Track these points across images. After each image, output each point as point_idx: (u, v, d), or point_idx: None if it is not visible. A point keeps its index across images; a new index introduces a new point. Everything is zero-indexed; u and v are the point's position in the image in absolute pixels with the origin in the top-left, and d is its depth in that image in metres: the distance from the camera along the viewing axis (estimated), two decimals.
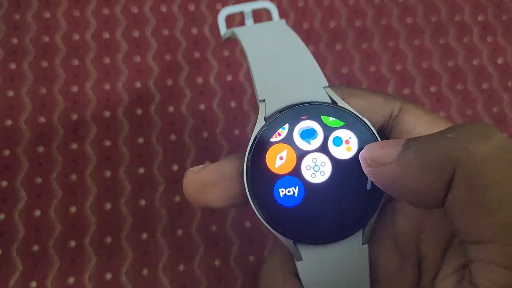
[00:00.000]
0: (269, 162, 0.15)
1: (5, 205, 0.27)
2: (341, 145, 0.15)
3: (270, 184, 0.15)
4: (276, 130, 0.15)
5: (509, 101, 0.33)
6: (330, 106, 0.15)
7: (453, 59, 0.34)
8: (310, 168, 0.15)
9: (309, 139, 0.15)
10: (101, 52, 0.32)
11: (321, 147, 0.15)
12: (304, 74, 0.16)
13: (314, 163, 0.15)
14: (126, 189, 0.28)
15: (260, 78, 0.16)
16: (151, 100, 0.31)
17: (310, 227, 0.15)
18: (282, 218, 0.15)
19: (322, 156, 0.15)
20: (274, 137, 0.15)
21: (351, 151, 0.15)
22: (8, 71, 0.31)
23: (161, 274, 0.27)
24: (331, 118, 0.15)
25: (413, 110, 0.17)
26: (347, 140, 0.15)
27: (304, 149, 0.15)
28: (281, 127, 0.15)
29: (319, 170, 0.15)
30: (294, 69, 0.16)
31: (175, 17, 0.33)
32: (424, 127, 0.16)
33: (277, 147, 0.15)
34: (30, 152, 0.29)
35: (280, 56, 0.16)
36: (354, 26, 0.35)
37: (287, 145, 0.15)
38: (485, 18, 0.36)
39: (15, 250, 0.26)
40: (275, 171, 0.15)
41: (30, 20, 0.32)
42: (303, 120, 0.15)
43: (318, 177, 0.15)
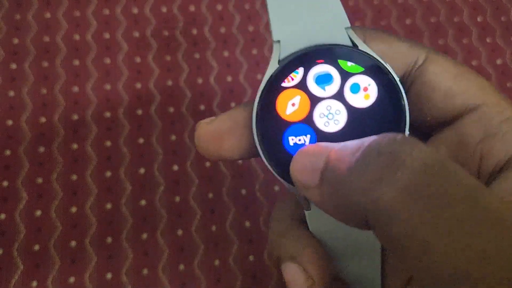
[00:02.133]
0: (280, 108, 0.14)
1: (6, 205, 0.27)
2: (359, 92, 0.14)
3: (280, 131, 0.14)
4: (289, 74, 0.14)
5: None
6: (350, 50, 0.14)
7: None
8: (323, 116, 0.14)
9: (324, 85, 0.14)
10: (102, 53, 0.32)
11: (337, 94, 0.14)
12: (324, 13, 0.14)
13: (328, 111, 0.14)
14: (126, 189, 0.28)
15: (277, 16, 0.14)
16: (151, 101, 0.31)
17: None
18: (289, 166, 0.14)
19: (338, 104, 0.14)
20: (287, 82, 0.14)
21: (369, 99, 0.14)
22: (9, 71, 0.31)
23: (161, 274, 0.27)
24: (350, 63, 0.14)
25: (441, 61, 0.15)
26: (365, 87, 0.14)
27: (318, 95, 0.14)
28: (295, 71, 0.14)
29: (333, 118, 0.14)
30: (314, 8, 0.14)
31: (176, 18, 0.34)
32: (451, 81, 0.14)
33: (289, 92, 0.14)
34: (31, 152, 0.29)
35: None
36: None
37: (300, 91, 0.14)
38: (484, 19, 0.36)
39: (16, 250, 0.26)
40: (286, 118, 0.14)
41: (30, 20, 0.32)
42: (319, 64, 0.14)
43: (332, 126, 0.14)
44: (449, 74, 0.15)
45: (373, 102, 0.14)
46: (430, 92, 0.15)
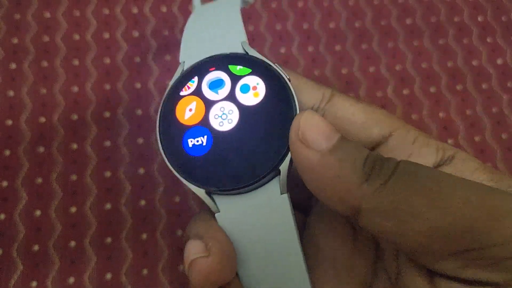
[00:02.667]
0: (179, 115, 0.15)
1: (6, 205, 0.27)
2: (248, 91, 0.15)
3: (179, 135, 0.15)
4: (186, 84, 0.15)
5: (508, 101, 0.33)
6: (239, 56, 0.15)
7: (452, 60, 0.34)
8: (218, 117, 0.15)
9: (217, 89, 0.15)
10: (101, 52, 0.32)
11: (229, 95, 0.15)
12: (225, 34, 0.16)
13: (222, 112, 0.15)
14: (126, 189, 0.28)
15: (185, 42, 0.17)
16: (151, 101, 0.31)
17: (220, 175, 0.14)
18: (191, 167, 0.15)
19: (230, 104, 0.15)
20: (184, 91, 0.15)
21: (258, 96, 0.15)
22: (9, 71, 0.31)
23: (160, 274, 0.27)
24: (239, 66, 0.15)
25: (345, 98, 0.17)
26: (254, 86, 0.15)
27: (212, 99, 0.15)
28: (191, 80, 0.16)
29: (226, 118, 0.15)
30: (218, 31, 0.16)
31: (175, 18, 0.34)
32: (363, 115, 0.16)
33: (186, 99, 0.15)
34: (30, 152, 0.29)
35: (212, 23, 0.17)
36: (354, 27, 0.35)
37: (196, 97, 0.15)
38: (485, 19, 0.36)
39: (15, 250, 0.26)
40: (184, 122, 0.15)
41: (30, 20, 0.32)
42: (211, 71, 0.15)
43: (226, 125, 0.15)
44: (358, 109, 0.16)
45: (262, 99, 0.15)
46: (346, 125, 0.16)
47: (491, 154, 0.31)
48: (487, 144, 0.32)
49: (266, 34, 0.34)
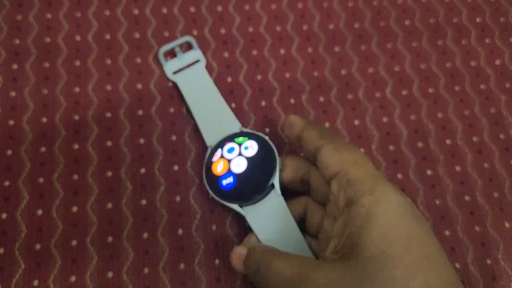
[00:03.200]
0: (214, 170, 0.27)
1: (8, 205, 0.28)
2: (248, 149, 0.27)
3: (217, 180, 0.27)
4: (214, 153, 0.28)
5: (506, 102, 0.34)
6: (238, 132, 0.28)
7: (451, 61, 0.35)
8: (235, 166, 0.27)
9: (232, 152, 0.28)
10: (103, 53, 0.32)
11: (239, 153, 0.27)
12: (228, 124, 0.29)
13: (237, 162, 0.27)
14: (127, 189, 0.29)
15: (206, 132, 0.29)
16: (152, 101, 0.31)
17: (244, 195, 0.26)
18: (227, 195, 0.26)
19: (240, 158, 0.27)
20: (214, 157, 0.28)
21: (254, 150, 0.27)
22: (10, 71, 0.31)
23: (161, 273, 0.27)
24: (240, 137, 0.28)
25: (327, 147, 0.24)
26: (251, 146, 0.27)
27: (230, 158, 0.27)
28: (216, 151, 0.28)
29: (240, 165, 0.27)
30: (222, 122, 0.29)
31: (176, 19, 0.34)
32: (328, 159, 0.24)
33: (216, 162, 0.28)
34: (32, 152, 0.29)
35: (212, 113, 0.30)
36: (353, 28, 0.35)
37: (222, 159, 0.27)
38: (483, 20, 0.36)
39: (17, 249, 0.27)
40: (218, 173, 0.27)
41: (32, 21, 0.32)
42: (226, 144, 0.28)
43: (241, 168, 0.27)
44: (328, 155, 0.24)
45: (256, 152, 0.27)
46: (320, 166, 0.24)
47: (489, 155, 0.32)
48: (486, 145, 0.32)
49: (266, 36, 0.34)
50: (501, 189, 0.31)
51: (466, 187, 0.31)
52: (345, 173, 0.22)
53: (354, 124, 0.32)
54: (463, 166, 0.31)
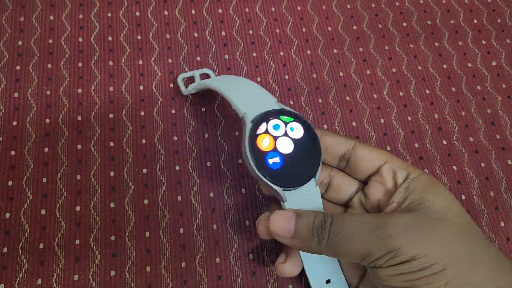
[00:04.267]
0: (259, 144, 0.24)
1: (11, 204, 0.28)
2: (294, 131, 0.25)
3: (263, 156, 0.24)
4: (259, 127, 0.24)
5: (502, 102, 0.34)
6: (283, 110, 0.25)
7: (448, 62, 0.35)
8: (282, 145, 0.24)
9: (277, 129, 0.25)
10: (105, 55, 0.32)
11: (285, 133, 0.25)
12: (261, 96, 0.26)
13: (284, 142, 0.25)
14: (129, 188, 0.29)
15: (238, 101, 0.26)
16: (153, 103, 0.31)
17: (291, 179, 0.24)
18: (274, 175, 0.24)
19: (286, 138, 0.25)
20: (259, 130, 0.24)
21: (300, 133, 0.25)
22: (14, 72, 0.31)
23: (163, 272, 0.27)
24: (285, 116, 0.25)
25: (362, 145, 0.27)
26: (297, 128, 0.25)
27: (276, 135, 0.25)
28: (261, 125, 0.25)
29: (287, 146, 0.25)
30: (255, 95, 0.26)
31: (177, 21, 0.34)
32: (368, 153, 0.26)
33: (261, 136, 0.24)
34: (35, 152, 0.29)
35: (240, 87, 0.27)
36: (351, 30, 0.36)
37: (268, 134, 0.24)
38: (480, 22, 0.37)
39: (20, 248, 0.27)
40: (263, 149, 0.24)
41: (34, 22, 0.33)
42: (271, 119, 0.25)
43: (288, 150, 0.24)
44: (367, 149, 0.26)
45: (302, 135, 0.25)
46: (358, 160, 0.26)
47: (485, 154, 0.32)
48: (482, 145, 0.32)
49: (266, 38, 0.35)
50: (498, 188, 0.31)
51: (462, 186, 0.31)
52: (395, 161, 0.26)
53: (352, 125, 0.32)
54: (460, 165, 0.32)
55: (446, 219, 0.22)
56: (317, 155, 0.25)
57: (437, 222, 0.22)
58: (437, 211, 0.22)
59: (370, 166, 0.26)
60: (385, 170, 0.26)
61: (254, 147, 0.24)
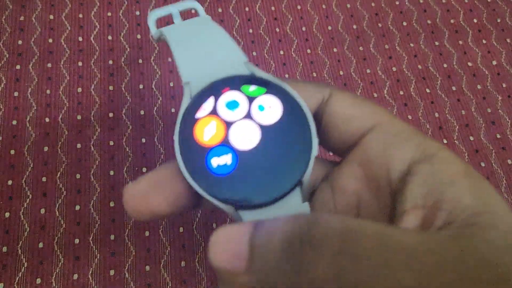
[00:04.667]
0: (198, 136, 0.15)
1: (11, 203, 0.28)
2: (264, 110, 0.16)
3: (202, 156, 0.15)
4: (201, 105, 0.15)
5: (502, 102, 0.34)
6: (249, 76, 0.16)
7: (448, 61, 0.35)
8: (238, 136, 0.15)
9: (234, 109, 0.15)
10: (104, 54, 0.32)
11: (247, 115, 0.15)
12: (225, 54, 0.17)
13: (242, 130, 0.15)
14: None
15: (184, 62, 0.16)
16: (153, 102, 0.31)
17: (247, 191, 0.15)
18: (219, 186, 0.15)
19: (250, 123, 0.15)
20: (200, 112, 0.15)
21: (276, 115, 0.15)
22: (13, 72, 0.31)
23: (163, 271, 0.27)
24: (252, 87, 0.16)
25: (341, 95, 0.17)
26: (270, 105, 0.16)
27: (231, 119, 0.15)
28: (205, 101, 0.15)
29: (248, 137, 0.15)
30: (214, 51, 0.17)
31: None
32: (348, 109, 0.16)
33: (204, 120, 0.15)
34: (35, 152, 0.29)
35: (202, 43, 0.17)
36: (351, 29, 0.36)
37: (214, 116, 0.15)
38: (480, 21, 0.37)
39: (20, 247, 0.27)
40: (205, 143, 0.15)
41: (34, 22, 0.33)
42: (225, 92, 0.16)
43: (248, 144, 0.15)
44: (346, 103, 0.16)
45: (279, 118, 0.15)
46: (333, 120, 0.16)
47: (486, 154, 0.32)
48: (482, 144, 0.32)
49: (266, 37, 0.34)
50: (498, 188, 0.31)
51: None
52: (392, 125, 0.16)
53: None
54: None
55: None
56: (305, 149, 0.15)
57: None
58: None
59: (345, 127, 0.16)
60: (376, 140, 0.16)
61: (187, 140, 0.15)
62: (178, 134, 0.15)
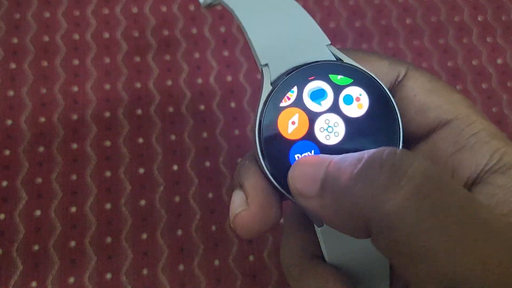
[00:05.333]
0: (282, 128, 0.14)
1: (6, 205, 0.27)
2: (352, 103, 0.14)
3: (285, 150, 0.14)
4: (285, 94, 0.14)
5: (508, 101, 0.33)
6: (337, 64, 0.15)
7: (453, 60, 0.34)
8: (323, 130, 0.14)
9: (319, 100, 0.14)
10: (101, 52, 0.32)
11: (333, 106, 0.14)
12: (304, 33, 0.15)
13: (327, 124, 0.14)
14: (126, 189, 0.28)
15: (259, 41, 0.15)
16: (151, 101, 0.31)
17: None
18: None
19: (335, 116, 0.14)
20: (284, 102, 0.14)
21: (362, 108, 0.14)
22: (8, 70, 0.31)
23: (160, 274, 0.27)
24: (339, 76, 0.15)
25: (417, 76, 0.15)
26: (357, 97, 0.14)
27: (315, 110, 0.14)
28: (290, 91, 0.14)
29: (332, 131, 0.14)
30: (293, 29, 0.15)
31: (175, 17, 0.33)
32: (424, 96, 0.15)
33: (288, 111, 0.14)
34: (30, 152, 0.29)
35: (276, 17, 0.16)
36: (354, 26, 0.35)
37: (298, 109, 0.14)
38: (485, 19, 0.36)
39: (15, 250, 0.26)
40: (288, 137, 0.14)
41: (30, 19, 0.32)
42: (311, 80, 0.14)
43: (333, 139, 0.14)
44: (423, 89, 0.15)
45: (366, 110, 0.14)
46: (405, 106, 0.15)
47: None
48: None
49: None
50: None
51: None
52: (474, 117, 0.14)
53: None
54: None
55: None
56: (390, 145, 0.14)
57: None
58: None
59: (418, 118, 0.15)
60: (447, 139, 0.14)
61: (270, 132, 0.14)
62: (260, 124, 0.14)
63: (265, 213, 0.15)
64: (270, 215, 0.15)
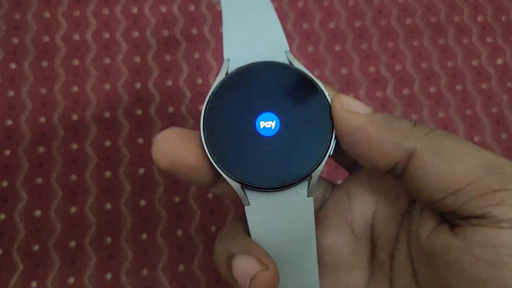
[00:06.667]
0: None
1: (6, 205, 0.27)
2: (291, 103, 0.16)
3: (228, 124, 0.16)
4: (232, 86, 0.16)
5: (508, 101, 0.33)
6: (286, 66, 0.16)
7: (452, 60, 0.34)
8: (263, 124, 0.16)
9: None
10: (101, 52, 0.32)
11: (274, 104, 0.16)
12: (269, 39, 0.17)
13: (267, 117, 0.16)
14: (126, 189, 0.28)
15: (229, 38, 0.17)
16: (151, 101, 0.31)
17: (256, 173, 0.15)
18: (231, 162, 0.15)
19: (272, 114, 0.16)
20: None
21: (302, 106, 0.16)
22: (9, 71, 0.31)
23: (160, 274, 0.27)
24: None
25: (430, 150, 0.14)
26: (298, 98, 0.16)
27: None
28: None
29: (269, 125, 0.16)
30: (260, 33, 0.17)
31: (175, 18, 0.33)
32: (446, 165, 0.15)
33: None
34: (30, 152, 0.29)
35: (250, 20, 0.17)
36: (354, 27, 0.35)
37: None
38: (485, 19, 0.36)
39: (15, 250, 0.26)
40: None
41: (30, 20, 0.32)
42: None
43: (269, 131, 0.16)
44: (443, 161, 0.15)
45: (304, 112, 0.16)
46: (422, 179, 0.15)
47: None
48: (487, 144, 0.32)
49: None
50: None
51: None
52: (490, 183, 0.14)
53: None
54: None
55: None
56: (321, 140, 0.15)
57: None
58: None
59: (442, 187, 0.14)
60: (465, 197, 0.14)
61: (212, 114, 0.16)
62: (207, 104, 0.16)
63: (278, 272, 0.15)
64: None
